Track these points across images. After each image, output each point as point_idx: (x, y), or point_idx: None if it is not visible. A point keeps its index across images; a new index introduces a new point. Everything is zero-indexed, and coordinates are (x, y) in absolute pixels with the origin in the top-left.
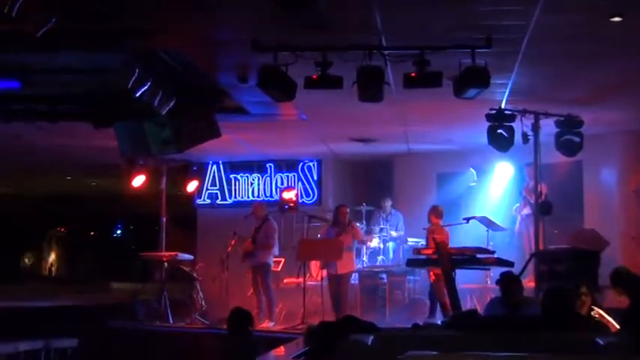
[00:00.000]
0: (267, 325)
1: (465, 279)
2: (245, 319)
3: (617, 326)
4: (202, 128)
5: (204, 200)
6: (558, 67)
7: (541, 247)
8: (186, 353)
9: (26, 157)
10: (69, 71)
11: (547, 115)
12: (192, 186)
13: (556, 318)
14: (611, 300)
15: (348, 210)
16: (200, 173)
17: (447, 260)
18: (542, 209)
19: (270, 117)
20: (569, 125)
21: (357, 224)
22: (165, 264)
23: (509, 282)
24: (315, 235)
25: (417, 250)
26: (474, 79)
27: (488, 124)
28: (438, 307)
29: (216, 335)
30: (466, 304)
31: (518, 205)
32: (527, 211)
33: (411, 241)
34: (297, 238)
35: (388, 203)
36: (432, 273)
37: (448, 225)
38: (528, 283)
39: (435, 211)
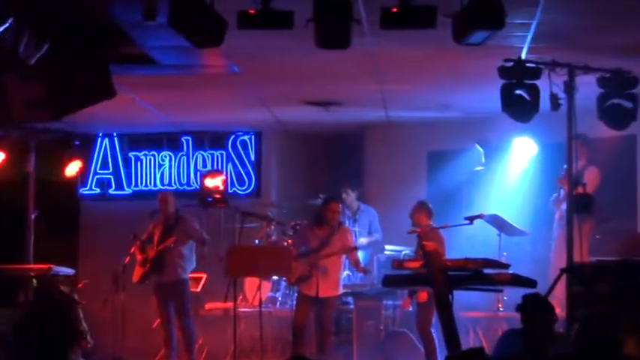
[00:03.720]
0: None
1: (467, 304)
2: None
3: None
4: (89, 85)
5: (91, 189)
6: None
7: (576, 259)
8: None
9: None
10: None
11: (586, 69)
12: (73, 168)
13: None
14: None
15: (340, 207)
16: (85, 150)
17: (440, 277)
18: (579, 205)
19: (187, 69)
20: (617, 84)
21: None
22: (34, 281)
23: (536, 307)
24: (251, 239)
25: (398, 263)
26: (483, 17)
27: (502, 82)
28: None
29: None
30: (468, 341)
31: (555, 195)
32: (564, 206)
33: (389, 249)
34: (225, 245)
35: (352, 195)
36: (424, 292)
37: (443, 227)
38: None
39: (425, 208)
